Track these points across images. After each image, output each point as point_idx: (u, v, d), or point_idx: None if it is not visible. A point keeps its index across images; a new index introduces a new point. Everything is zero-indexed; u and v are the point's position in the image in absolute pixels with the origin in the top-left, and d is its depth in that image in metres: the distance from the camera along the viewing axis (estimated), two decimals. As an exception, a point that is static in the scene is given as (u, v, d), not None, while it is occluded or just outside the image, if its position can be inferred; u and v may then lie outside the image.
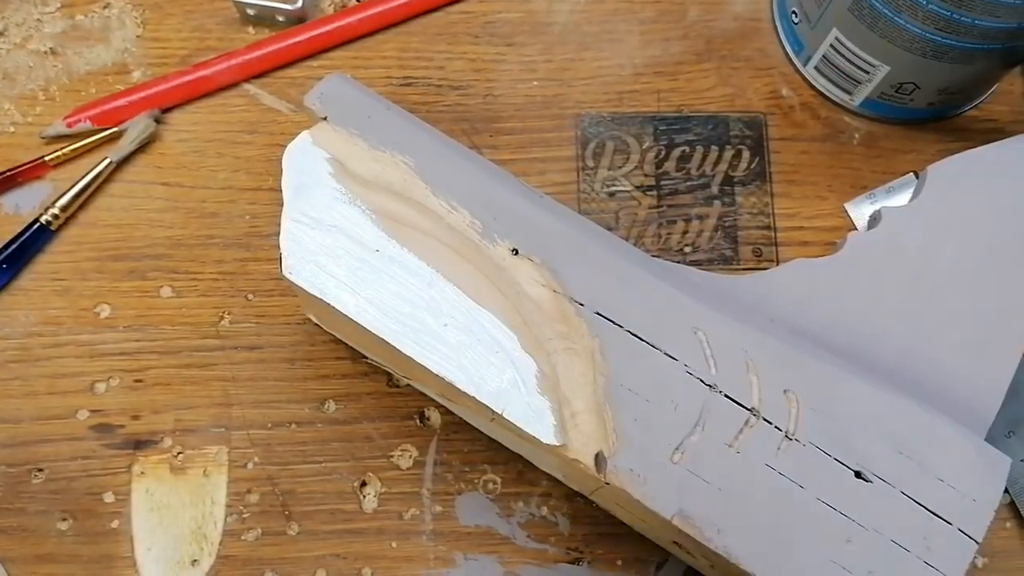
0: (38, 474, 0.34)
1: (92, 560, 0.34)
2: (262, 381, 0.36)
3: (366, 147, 0.30)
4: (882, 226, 0.34)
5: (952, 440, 0.29)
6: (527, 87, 0.40)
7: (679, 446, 0.28)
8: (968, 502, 0.28)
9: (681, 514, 0.27)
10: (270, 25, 0.40)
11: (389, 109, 0.31)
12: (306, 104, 0.31)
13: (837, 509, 0.28)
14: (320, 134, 0.30)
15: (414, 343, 0.28)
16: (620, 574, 0.34)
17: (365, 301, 0.29)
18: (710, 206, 0.38)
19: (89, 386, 0.35)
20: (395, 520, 0.34)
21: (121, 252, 0.37)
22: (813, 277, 0.33)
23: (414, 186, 0.30)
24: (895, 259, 0.33)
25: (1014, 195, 0.34)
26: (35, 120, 0.39)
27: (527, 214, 0.30)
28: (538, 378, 0.28)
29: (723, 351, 0.29)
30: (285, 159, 0.30)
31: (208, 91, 0.39)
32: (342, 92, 0.31)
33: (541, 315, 0.29)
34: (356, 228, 0.29)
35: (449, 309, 0.29)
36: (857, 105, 0.39)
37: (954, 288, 0.33)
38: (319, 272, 0.29)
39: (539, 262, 0.29)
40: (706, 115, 0.39)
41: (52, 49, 0.40)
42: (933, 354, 0.32)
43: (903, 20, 0.33)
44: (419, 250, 0.29)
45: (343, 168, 0.30)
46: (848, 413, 0.29)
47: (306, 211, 0.29)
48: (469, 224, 0.30)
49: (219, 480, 0.34)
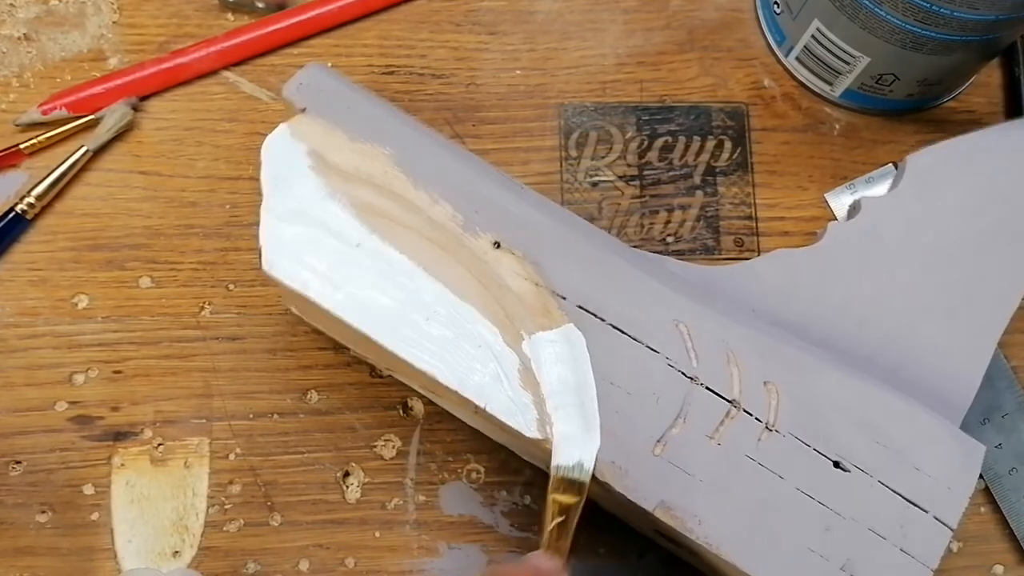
0: (16, 466, 0.34)
1: (72, 553, 0.33)
2: (243, 372, 0.35)
3: (346, 138, 0.30)
4: (861, 216, 0.34)
5: (929, 429, 0.29)
6: (510, 76, 0.40)
7: (661, 438, 0.28)
8: (943, 490, 0.28)
9: (662, 505, 0.28)
10: (249, 12, 0.40)
11: (369, 100, 0.31)
12: (284, 95, 0.30)
13: (816, 499, 0.28)
14: (299, 126, 0.30)
15: (396, 338, 0.28)
16: (602, 562, 0.34)
17: (346, 296, 0.28)
18: (692, 196, 0.38)
19: (67, 377, 0.35)
20: (378, 510, 0.34)
21: (99, 242, 0.37)
22: (793, 267, 0.33)
23: (395, 178, 0.30)
24: (874, 249, 0.34)
25: (991, 184, 0.34)
26: (9, 107, 0.38)
27: (509, 207, 0.30)
28: (521, 372, 0.28)
29: (704, 343, 0.29)
30: (263, 151, 0.29)
31: (186, 79, 0.38)
32: (321, 82, 0.30)
33: (523, 309, 0.29)
34: (337, 222, 0.29)
35: (431, 303, 0.28)
36: (838, 96, 0.39)
37: (932, 277, 0.33)
38: (299, 267, 0.29)
39: (521, 255, 0.29)
40: (688, 105, 0.40)
41: (26, 35, 0.39)
42: (911, 343, 0.32)
43: (883, 11, 0.33)
44: (400, 244, 0.29)
45: (323, 160, 0.30)
46: (827, 403, 0.29)
47: (286, 204, 0.29)
48: (451, 217, 0.29)
49: (200, 471, 0.34)
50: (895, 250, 0.33)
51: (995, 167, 0.34)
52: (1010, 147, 0.35)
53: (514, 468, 0.35)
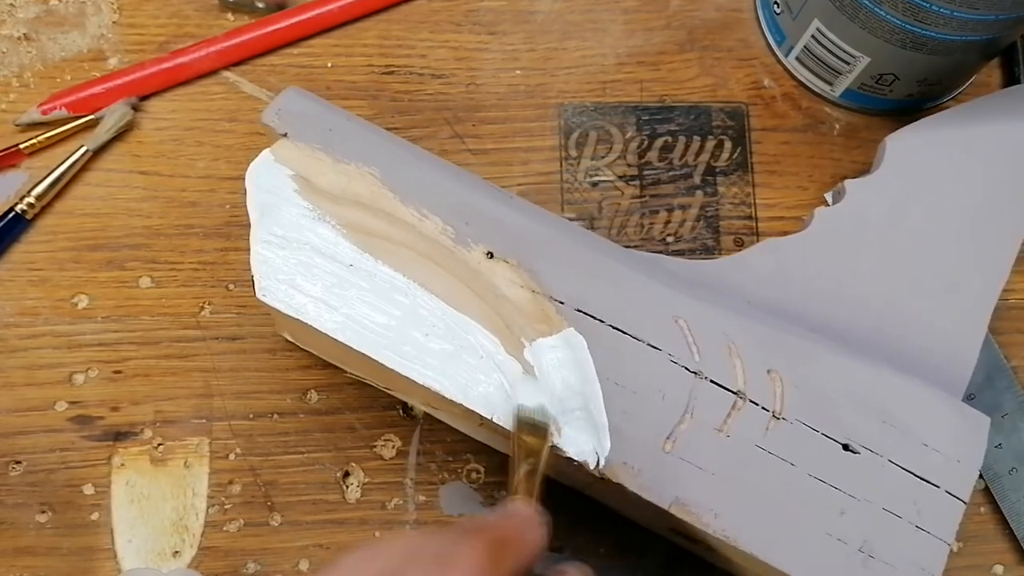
0: (16, 466, 0.34)
1: (72, 552, 0.33)
2: (243, 371, 0.35)
3: (330, 161, 0.30)
4: (847, 199, 0.34)
5: (932, 405, 0.29)
6: (510, 76, 0.40)
7: (670, 435, 0.28)
8: (953, 464, 0.29)
9: (677, 502, 0.28)
10: (249, 12, 0.40)
11: (350, 120, 0.31)
12: (264, 122, 0.30)
13: (828, 483, 0.28)
14: (282, 151, 0.30)
15: (397, 356, 0.28)
16: (602, 562, 0.34)
17: (344, 318, 0.28)
18: (692, 196, 0.38)
19: (67, 377, 0.35)
20: (378, 510, 0.34)
21: (99, 242, 0.37)
22: (784, 256, 0.33)
23: (382, 196, 0.29)
24: (863, 230, 0.34)
25: (972, 158, 0.34)
26: (9, 107, 0.38)
27: (499, 216, 0.30)
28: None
29: (705, 337, 0.29)
30: (248, 179, 0.29)
31: (186, 79, 0.38)
32: (300, 106, 0.30)
33: (522, 316, 0.29)
34: (328, 244, 0.29)
35: (429, 318, 0.28)
36: (838, 96, 0.39)
37: (922, 253, 0.33)
38: (294, 292, 0.28)
39: (515, 263, 0.29)
40: (688, 105, 0.40)
41: (26, 35, 0.39)
42: (904, 322, 0.33)
43: (883, 11, 0.33)
44: (393, 261, 0.29)
45: (308, 184, 0.29)
46: (830, 387, 0.29)
47: (275, 231, 0.29)
48: (441, 230, 0.29)
49: (200, 471, 0.34)
50: (883, 229, 0.34)
51: (973, 142, 0.35)
52: (987, 121, 0.35)
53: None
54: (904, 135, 0.35)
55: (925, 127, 0.35)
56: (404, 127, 0.39)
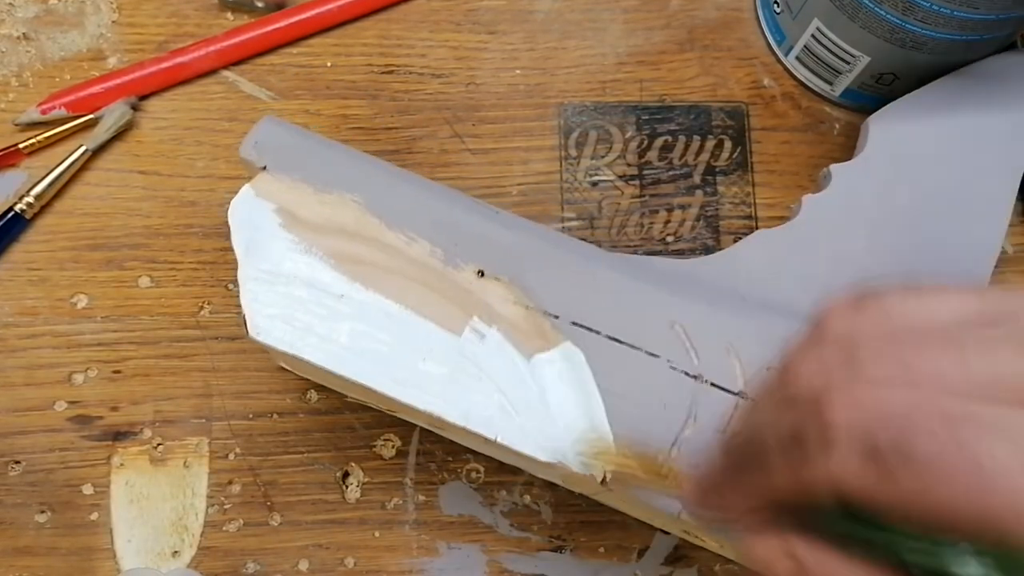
0: (15, 466, 0.34)
1: (71, 552, 0.33)
2: (243, 371, 0.35)
3: (311, 191, 0.29)
4: (833, 184, 0.34)
5: None
6: (510, 75, 0.40)
7: (675, 442, 0.28)
8: None
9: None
10: (249, 11, 0.40)
11: (329, 147, 0.30)
12: (241, 155, 0.29)
13: None
14: (262, 185, 0.29)
15: (395, 383, 0.28)
16: (603, 561, 0.34)
17: (340, 349, 0.28)
18: (692, 196, 0.38)
19: (66, 377, 0.35)
20: (378, 510, 0.34)
21: (98, 241, 0.37)
22: (775, 246, 0.33)
23: (367, 223, 0.29)
24: (851, 214, 0.33)
25: (956, 132, 0.34)
26: (8, 107, 0.38)
27: (487, 233, 0.29)
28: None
29: (702, 340, 0.29)
30: (231, 216, 0.29)
31: (186, 78, 0.38)
32: (277, 137, 0.30)
33: (518, 334, 0.28)
34: (317, 276, 0.28)
35: (425, 343, 0.28)
36: (838, 95, 0.39)
37: (912, 231, 0.33)
38: (288, 328, 0.28)
39: (507, 280, 0.29)
40: (688, 104, 0.40)
41: (25, 34, 0.39)
42: None
43: (883, 10, 0.33)
44: (384, 288, 0.28)
45: (292, 216, 0.29)
46: None
47: (262, 267, 0.28)
48: (430, 253, 0.29)
49: (200, 471, 0.34)
50: (872, 211, 0.33)
51: (955, 116, 0.34)
52: (967, 93, 0.35)
53: (513, 468, 0.35)
54: (886, 114, 0.35)
55: (906, 104, 0.35)
56: (404, 127, 0.39)
